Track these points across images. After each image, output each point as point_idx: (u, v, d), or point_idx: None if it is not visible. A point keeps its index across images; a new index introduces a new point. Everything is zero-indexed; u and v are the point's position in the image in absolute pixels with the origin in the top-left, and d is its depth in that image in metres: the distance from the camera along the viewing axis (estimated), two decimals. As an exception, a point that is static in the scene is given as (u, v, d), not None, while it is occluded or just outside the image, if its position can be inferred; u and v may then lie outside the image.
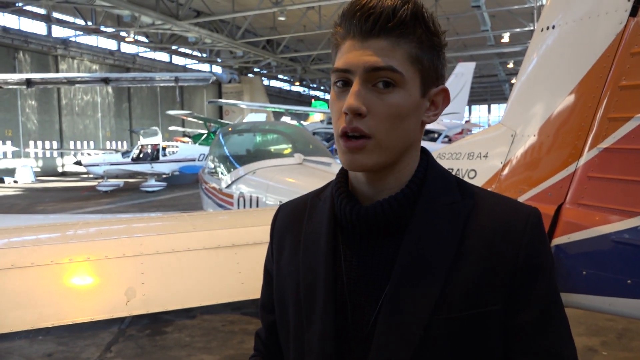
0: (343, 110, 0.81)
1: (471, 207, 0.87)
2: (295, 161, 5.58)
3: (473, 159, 2.57)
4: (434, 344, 0.81)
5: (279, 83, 46.57)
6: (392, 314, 0.83)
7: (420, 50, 0.82)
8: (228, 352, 4.22)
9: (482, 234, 0.84)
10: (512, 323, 0.84)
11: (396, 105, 0.82)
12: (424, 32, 0.82)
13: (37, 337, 4.62)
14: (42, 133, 26.72)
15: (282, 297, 0.97)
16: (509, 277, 0.83)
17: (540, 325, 0.83)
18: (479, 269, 0.82)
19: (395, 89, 0.81)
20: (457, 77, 22.40)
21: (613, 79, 1.83)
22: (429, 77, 0.85)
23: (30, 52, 25.73)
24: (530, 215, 0.86)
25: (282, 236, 1.01)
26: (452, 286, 0.82)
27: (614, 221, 1.79)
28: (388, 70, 0.80)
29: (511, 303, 0.83)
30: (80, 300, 2.11)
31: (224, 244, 2.35)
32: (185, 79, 15.58)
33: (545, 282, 0.84)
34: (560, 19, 2.06)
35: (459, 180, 0.92)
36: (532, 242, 0.84)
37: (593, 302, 1.88)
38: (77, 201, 15.19)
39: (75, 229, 2.54)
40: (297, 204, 1.03)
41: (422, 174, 0.89)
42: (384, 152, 0.84)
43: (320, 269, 0.90)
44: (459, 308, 0.81)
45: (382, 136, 0.82)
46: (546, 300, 0.84)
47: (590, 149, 1.91)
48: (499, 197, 0.92)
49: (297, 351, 0.93)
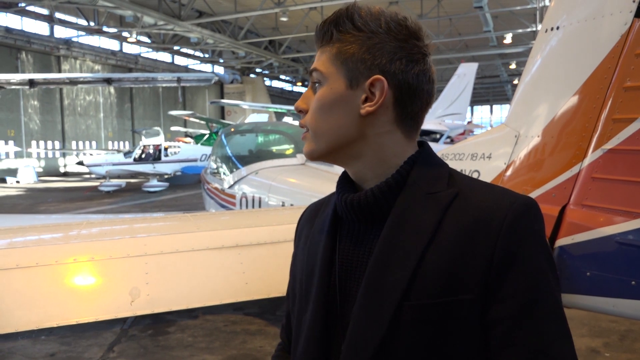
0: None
1: (454, 195, 0.87)
2: (297, 162, 5.59)
3: (476, 159, 2.57)
4: (404, 330, 0.82)
5: (281, 84, 46.61)
6: (366, 299, 0.86)
7: (343, 49, 0.90)
8: (230, 352, 4.22)
9: (460, 222, 0.84)
10: (489, 315, 0.82)
11: (319, 98, 0.92)
12: (346, 32, 0.90)
13: (40, 337, 4.63)
14: (45, 133, 26.78)
15: (293, 285, 1.05)
16: (486, 266, 0.81)
17: (521, 319, 0.81)
18: (453, 256, 0.82)
19: (320, 85, 0.93)
20: (460, 78, 22.36)
21: (617, 80, 1.83)
22: (355, 69, 0.89)
23: (32, 53, 25.79)
24: (515, 203, 0.84)
25: (302, 229, 1.09)
26: (424, 273, 0.82)
27: (618, 222, 1.79)
28: (314, 71, 0.94)
29: (487, 294, 0.82)
30: (84, 300, 2.11)
31: (228, 244, 2.35)
32: (188, 79, 15.62)
33: (526, 273, 0.81)
34: (565, 19, 2.06)
35: (452, 172, 0.93)
36: (513, 231, 0.82)
37: (597, 303, 1.88)
38: (79, 201, 15.22)
39: (80, 229, 2.55)
40: (319, 202, 1.10)
41: (410, 166, 0.91)
42: (318, 141, 0.93)
43: (318, 257, 0.96)
44: (431, 295, 0.81)
45: (313, 126, 0.93)
46: (530, 292, 0.81)
47: (594, 150, 1.90)
48: (491, 186, 0.91)
49: (295, 334, 0.99)
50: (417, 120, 0.94)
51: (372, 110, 0.89)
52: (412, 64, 0.89)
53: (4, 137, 24.49)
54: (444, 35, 26.12)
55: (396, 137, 0.92)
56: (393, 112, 0.91)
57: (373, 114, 0.90)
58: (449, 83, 22.53)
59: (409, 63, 0.89)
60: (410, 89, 0.90)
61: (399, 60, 0.88)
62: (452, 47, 31.40)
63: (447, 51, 31.09)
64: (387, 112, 0.90)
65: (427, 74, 0.91)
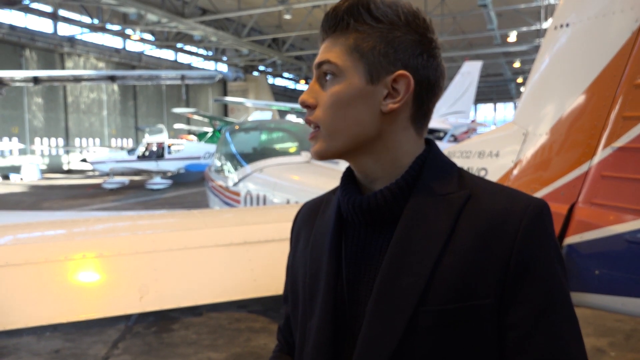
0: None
1: (467, 197, 0.84)
2: (302, 159, 5.58)
3: (484, 157, 2.56)
4: (419, 336, 0.80)
5: (285, 81, 46.57)
6: (378, 305, 0.82)
7: (361, 40, 0.85)
8: (235, 349, 4.23)
9: (475, 225, 0.82)
10: (506, 319, 0.81)
11: (335, 93, 0.87)
12: (363, 23, 0.85)
13: (45, 334, 4.64)
14: (48, 130, 26.86)
15: (295, 289, 1.00)
16: (502, 271, 0.80)
17: (538, 322, 0.80)
18: (469, 261, 0.80)
19: (335, 78, 0.87)
20: (464, 76, 22.29)
21: (628, 77, 1.82)
22: (377, 64, 0.85)
23: (36, 50, 25.85)
24: (529, 206, 0.82)
25: (299, 231, 1.04)
26: (440, 278, 0.80)
27: (627, 220, 1.78)
28: (325, 64, 0.87)
29: (503, 299, 0.80)
30: (93, 296, 2.11)
31: (236, 241, 2.35)
32: (192, 76, 15.59)
33: (543, 278, 0.81)
34: (574, 16, 2.05)
35: (462, 172, 0.90)
36: (529, 236, 0.80)
37: (605, 301, 1.87)
38: (83, 198, 15.25)
39: (88, 225, 2.55)
40: (316, 201, 1.06)
41: (420, 165, 0.88)
42: (333, 139, 0.88)
43: (323, 261, 0.92)
44: (447, 300, 0.79)
45: (327, 124, 0.88)
46: (546, 296, 0.80)
47: (604, 147, 1.90)
48: (501, 188, 0.88)
49: (300, 340, 0.94)
50: (429, 116, 0.91)
51: (395, 107, 0.86)
52: (432, 59, 0.87)
53: (7, 134, 24.56)
54: (447, 33, 26.05)
55: (410, 135, 0.89)
56: (411, 108, 0.88)
57: (395, 111, 0.87)
58: (453, 81, 22.45)
59: (429, 58, 0.87)
60: (430, 85, 0.88)
61: (421, 56, 0.86)
62: (455, 45, 31.32)
63: (450, 49, 31.01)
64: (407, 109, 0.88)
65: (442, 69, 0.90)
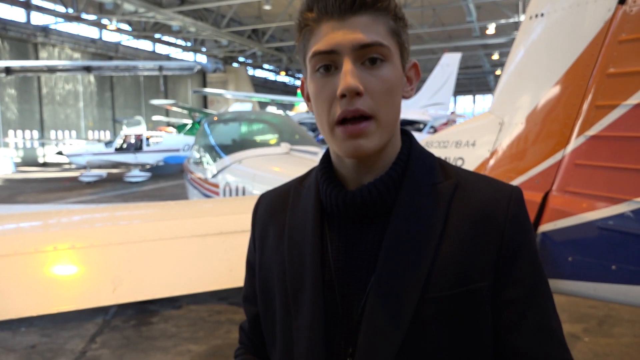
0: (339, 93, 0.77)
1: (454, 186, 0.87)
2: (282, 150, 5.56)
3: (461, 147, 2.58)
4: (424, 325, 0.81)
5: (265, 73, 46.24)
6: (380, 298, 0.82)
7: (396, 24, 0.82)
8: (215, 342, 4.21)
9: (466, 213, 0.85)
10: (500, 299, 0.85)
11: (388, 80, 0.80)
12: (396, 5, 0.81)
13: (20, 329, 4.55)
14: (22, 122, 26.20)
15: (267, 288, 0.95)
16: (495, 255, 0.84)
17: (529, 300, 0.85)
18: (465, 247, 0.83)
19: (384, 63, 0.80)
20: (443, 68, 22.43)
21: (601, 66, 1.84)
22: (405, 50, 0.85)
23: (8, 40, 25.13)
24: (513, 193, 0.87)
25: (265, 226, 0.99)
26: (439, 265, 0.82)
27: (600, 208, 1.82)
28: (377, 46, 0.78)
29: (499, 279, 0.84)
30: (66, 289, 2.07)
31: (212, 232, 2.33)
32: (170, 67, 15.38)
33: (530, 258, 0.86)
34: (549, 6, 2.06)
35: (441, 162, 0.93)
36: (516, 219, 0.85)
37: (578, 287, 1.91)
38: (59, 192, 14.96)
39: (59, 217, 2.50)
40: (280, 193, 1.01)
41: (406, 155, 0.89)
42: (384, 132, 0.82)
43: (307, 257, 0.88)
44: (448, 286, 0.82)
45: (383, 114, 0.80)
46: (533, 275, 0.86)
47: (577, 136, 1.92)
48: (481, 176, 0.92)
49: (285, 341, 0.90)
50: None
51: (409, 96, 0.88)
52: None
53: (-20, 126, 23.94)
54: (427, 25, 26.13)
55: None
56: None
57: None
58: (433, 73, 22.59)
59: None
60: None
61: (408, 44, 0.87)
62: (435, 37, 31.46)
63: (430, 41, 31.16)
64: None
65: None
